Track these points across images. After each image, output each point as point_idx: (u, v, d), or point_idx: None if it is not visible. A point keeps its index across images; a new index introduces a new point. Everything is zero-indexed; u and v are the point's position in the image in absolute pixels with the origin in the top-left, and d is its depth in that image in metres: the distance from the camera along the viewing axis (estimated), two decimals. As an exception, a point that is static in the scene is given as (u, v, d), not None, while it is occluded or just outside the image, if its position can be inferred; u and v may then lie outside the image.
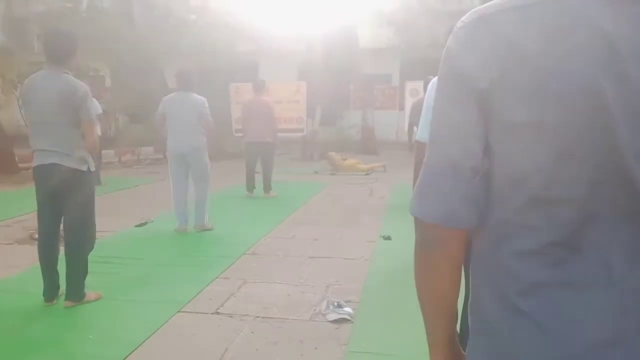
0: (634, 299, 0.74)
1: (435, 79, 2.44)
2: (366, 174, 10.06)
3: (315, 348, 2.88)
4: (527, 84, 0.72)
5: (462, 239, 0.84)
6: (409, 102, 12.60)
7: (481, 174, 0.80)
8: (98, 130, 3.45)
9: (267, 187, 7.64)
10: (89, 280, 3.52)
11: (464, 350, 0.93)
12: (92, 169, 3.43)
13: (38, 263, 3.48)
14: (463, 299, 2.51)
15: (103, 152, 9.05)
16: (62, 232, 3.48)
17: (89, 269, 3.51)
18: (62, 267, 3.46)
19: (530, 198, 0.76)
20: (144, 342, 2.93)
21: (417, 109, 6.21)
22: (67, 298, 3.43)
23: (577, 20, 0.71)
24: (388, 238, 5.17)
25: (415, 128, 6.55)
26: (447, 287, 0.89)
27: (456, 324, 0.95)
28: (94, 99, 3.40)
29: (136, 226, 5.77)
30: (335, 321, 3.20)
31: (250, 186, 7.69)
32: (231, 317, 3.29)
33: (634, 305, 0.74)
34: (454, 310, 0.91)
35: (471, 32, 0.79)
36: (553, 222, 0.75)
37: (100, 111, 7.59)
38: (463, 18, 0.81)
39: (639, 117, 0.70)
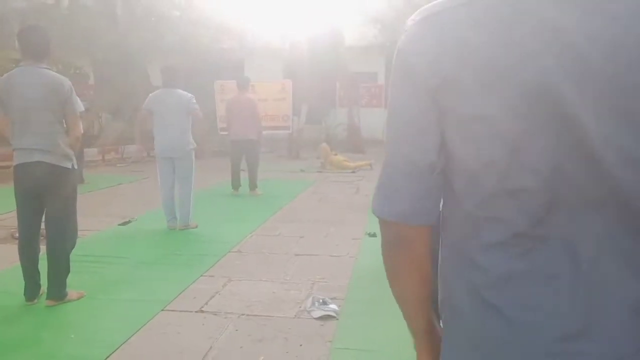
0: (601, 289, 0.74)
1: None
2: (352, 172, 10.08)
3: (300, 345, 2.87)
4: (477, 79, 0.72)
5: (424, 235, 0.85)
6: (394, 100, 12.66)
7: (438, 170, 0.81)
8: (81, 128, 3.40)
9: (253, 185, 7.62)
10: (71, 279, 3.47)
11: None
12: (76, 166, 3.38)
13: (18, 262, 3.42)
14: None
15: (86, 150, 8.93)
16: (43, 231, 3.43)
17: (71, 268, 3.46)
18: (43, 266, 3.42)
19: (491, 191, 0.76)
20: (127, 341, 2.90)
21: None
22: (48, 297, 3.38)
23: (521, 12, 0.71)
24: (374, 235, 5.19)
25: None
26: (416, 283, 0.88)
27: (432, 312, 0.95)
28: (77, 97, 3.36)
29: (119, 225, 5.71)
30: (320, 318, 3.20)
31: (236, 184, 7.66)
32: (215, 315, 3.27)
33: (602, 294, 0.74)
34: (427, 302, 0.91)
35: (420, 31, 0.79)
36: (517, 213, 0.75)
37: (83, 109, 7.48)
38: (412, 17, 0.82)
39: (601, 102, 0.69)
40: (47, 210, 3.35)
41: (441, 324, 0.92)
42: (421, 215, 0.82)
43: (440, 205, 0.85)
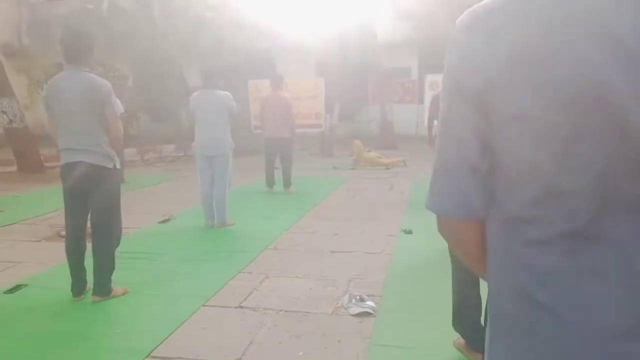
0: None
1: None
2: (386, 169, 10.02)
3: (339, 341, 2.89)
4: (526, 80, 0.73)
5: (474, 228, 0.89)
6: (428, 96, 12.51)
7: (483, 171, 0.83)
8: (120, 128, 3.50)
9: (287, 183, 7.68)
10: (115, 275, 3.59)
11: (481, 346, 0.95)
12: (118, 166, 3.49)
13: (65, 260, 3.56)
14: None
15: (126, 150, 9.19)
16: (89, 229, 3.56)
17: (115, 265, 3.58)
18: (89, 263, 3.55)
19: (540, 191, 0.76)
20: (170, 335, 2.98)
21: (437, 102, 6.16)
22: (94, 293, 3.51)
23: (574, 11, 0.71)
24: (409, 232, 5.15)
25: (435, 121, 6.51)
26: (473, 260, 0.95)
27: None
28: (116, 98, 3.46)
29: (159, 222, 5.86)
30: (357, 315, 3.21)
31: (270, 182, 7.73)
32: (254, 310, 3.32)
33: None
34: (485, 262, 0.94)
35: (466, 35, 0.80)
36: (565, 213, 0.75)
37: (122, 110, 7.70)
38: (460, 18, 0.83)
39: None
40: (92, 209, 3.47)
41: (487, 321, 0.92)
42: (468, 210, 0.86)
43: (488, 203, 0.86)
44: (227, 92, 5.48)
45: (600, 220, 0.74)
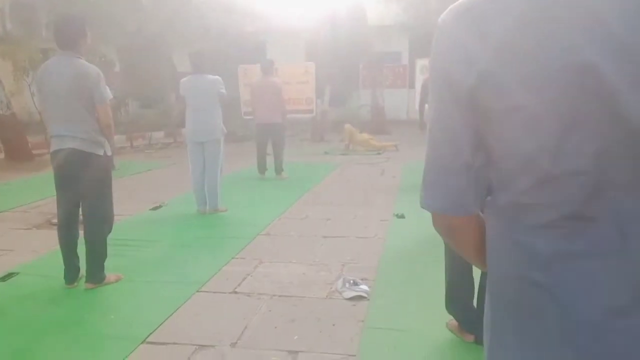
0: None
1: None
2: (377, 153, 10.04)
3: (333, 325, 2.92)
4: (516, 71, 0.73)
5: (470, 224, 0.90)
6: (419, 80, 12.49)
7: (475, 167, 0.83)
8: (110, 115, 3.46)
9: (279, 169, 7.66)
10: (108, 262, 3.58)
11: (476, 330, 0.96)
12: (109, 153, 3.46)
13: (57, 247, 3.54)
14: (480, 275, 2.50)
15: (115, 137, 9.12)
16: (80, 216, 3.54)
17: (108, 252, 3.57)
18: (81, 250, 3.53)
19: (537, 178, 0.77)
20: (164, 321, 2.99)
21: (428, 86, 6.16)
22: (87, 280, 3.50)
23: (562, 2, 0.71)
24: (401, 217, 5.19)
25: (426, 106, 6.52)
26: (470, 254, 0.96)
27: None
28: (106, 85, 3.41)
29: (151, 209, 5.83)
30: (351, 299, 3.24)
31: (262, 168, 7.72)
32: (249, 296, 3.34)
33: None
34: (483, 255, 0.94)
35: (452, 29, 0.80)
36: (564, 196, 0.76)
37: (111, 96, 7.63)
38: (443, 15, 0.82)
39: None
40: (83, 196, 3.44)
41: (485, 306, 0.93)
42: (462, 207, 0.86)
43: (483, 196, 0.87)
44: (218, 77, 5.43)
45: (597, 202, 0.75)
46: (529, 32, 0.72)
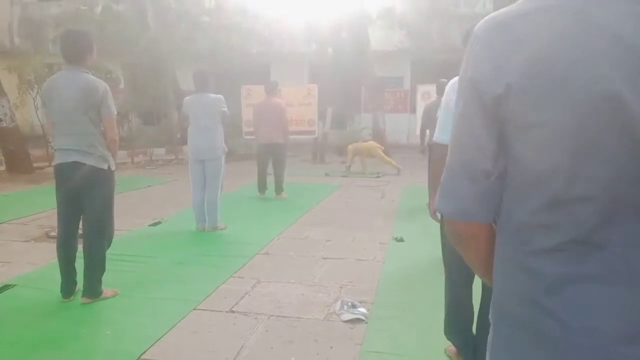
0: None
1: (454, 80, 2.45)
2: (377, 177, 10.06)
3: (331, 347, 2.89)
4: (543, 87, 0.74)
5: (481, 232, 0.90)
6: (420, 105, 12.59)
7: (495, 175, 0.84)
8: (117, 130, 3.49)
9: (279, 189, 7.67)
10: (105, 277, 3.56)
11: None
12: (113, 167, 3.47)
13: (54, 260, 3.53)
14: (480, 302, 2.49)
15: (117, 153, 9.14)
16: (80, 230, 3.53)
17: (105, 267, 3.55)
18: (79, 264, 3.51)
19: (550, 198, 0.77)
20: (160, 338, 2.97)
21: (429, 112, 6.20)
22: (84, 295, 3.48)
23: (594, 26, 0.73)
24: (401, 240, 5.18)
25: (427, 131, 6.55)
26: (478, 266, 0.96)
27: None
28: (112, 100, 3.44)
29: (150, 225, 5.82)
30: (349, 321, 3.22)
31: (262, 187, 7.72)
32: (246, 315, 3.31)
33: None
34: (491, 268, 0.94)
35: (487, 39, 0.81)
36: (573, 220, 0.76)
37: (116, 112, 7.69)
38: (479, 25, 0.84)
39: None
40: (85, 210, 3.45)
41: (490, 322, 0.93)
42: (476, 215, 0.87)
43: (497, 208, 0.88)
44: (220, 96, 5.48)
45: (607, 227, 0.75)
46: (562, 54, 0.73)
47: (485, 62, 0.80)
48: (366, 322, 3.21)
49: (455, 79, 2.43)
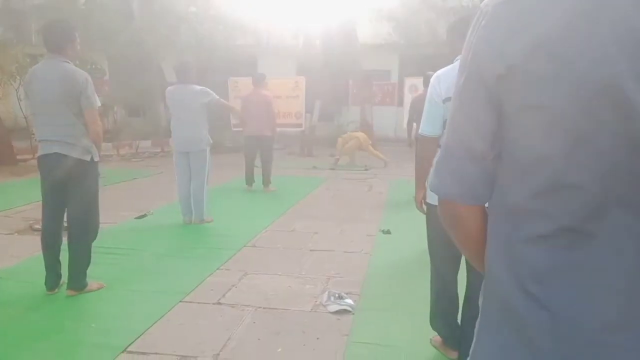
0: None
1: (438, 73, 2.45)
2: (365, 169, 10.09)
3: (317, 338, 2.90)
4: (546, 70, 0.73)
5: (475, 214, 0.89)
6: (408, 98, 12.63)
7: (492, 156, 0.83)
8: (99, 122, 3.43)
9: (267, 182, 7.65)
10: (90, 270, 3.53)
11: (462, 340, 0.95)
12: (96, 158, 3.42)
13: (38, 253, 3.49)
14: (464, 292, 2.52)
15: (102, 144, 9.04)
16: (65, 222, 3.49)
17: (91, 259, 3.52)
18: (64, 257, 3.48)
19: (544, 183, 0.77)
20: (146, 330, 2.95)
21: (416, 105, 6.22)
22: (69, 287, 3.45)
23: (600, 6, 0.71)
24: (387, 232, 5.20)
25: (414, 124, 6.57)
26: (470, 249, 0.94)
27: None
28: (94, 91, 3.39)
29: (136, 218, 5.78)
30: (336, 312, 3.23)
31: (250, 180, 7.70)
32: (233, 307, 3.31)
33: None
34: (483, 254, 0.93)
35: (494, 14, 0.79)
36: (567, 208, 0.76)
37: (99, 104, 7.59)
38: (486, 1, 0.82)
39: None
40: (70, 202, 3.40)
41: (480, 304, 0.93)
42: (470, 196, 0.86)
43: (491, 190, 0.87)
44: (204, 87, 5.42)
45: (599, 217, 0.75)
46: (567, 35, 0.72)
47: (488, 41, 0.79)
48: (353, 313, 3.23)
49: (439, 71, 2.44)
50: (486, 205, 0.90)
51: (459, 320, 2.66)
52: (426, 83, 6.51)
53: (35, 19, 13.77)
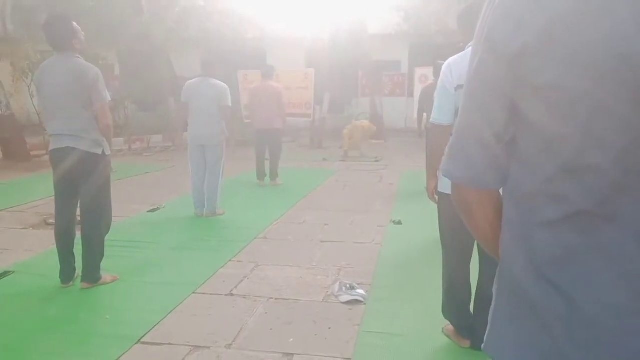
0: None
1: (449, 61, 2.43)
2: (376, 160, 10.06)
3: (329, 328, 2.91)
4: (561, 48, 0.71)
5: (488, 199, 0.88)
6: (418, 89, 12.52)
7: (505, 140, 0.82)
8: (109, 115, 3.45)
9: (274, 175, 7.58)
10: (104, 263, 3.57)
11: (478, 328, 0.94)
12: (107, 152, 3.45)
13: (53, 247, 3.53)
14: (477, 281, 2.51)
15: (113, 139, 9.11)
16: (78, 216, 3.53)
17: (104, 252, 3.55)
18: (78, 250, 3.52)
19: (562, 166, 0.75)
20: (160, 322, 2.98)
21: (426, 95, 6.17)
22: (83, 280, 3.49)
23: None
24: (399, 223, 5.19)
25: (424, 114, 6.52)
26: (483, 236, 0.93)
27: None
28: (104, 86, 3.40)
29: (148, 211, 5.82)
30: (348, 303, 3.23)
31: (261, 174, 7.62)
32: (245, 298, 3.33)
33: None
34: (497, 240, 0.92)
35: None
36: (583, 191, 0.74)
37: (110, 99, 7.64)
38: None
39: None
40: (82, 196, 3.44)
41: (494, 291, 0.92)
42: (483, 181, 0.85)
43: (505, 175, 0.85)
44: (226, 86, 5.41)
45: (616, 199, 0.73)
46: (585, 11, 0.69)
47: (504, 19, 0.77)
48: (364, 304, 3.23)
49: (451, 59, 2.41)
50: (501, 190, 0.89)
51: (471, 309, 2.65)
52: (436, 72, 6.46)
53: (46, 14, 13.86)
